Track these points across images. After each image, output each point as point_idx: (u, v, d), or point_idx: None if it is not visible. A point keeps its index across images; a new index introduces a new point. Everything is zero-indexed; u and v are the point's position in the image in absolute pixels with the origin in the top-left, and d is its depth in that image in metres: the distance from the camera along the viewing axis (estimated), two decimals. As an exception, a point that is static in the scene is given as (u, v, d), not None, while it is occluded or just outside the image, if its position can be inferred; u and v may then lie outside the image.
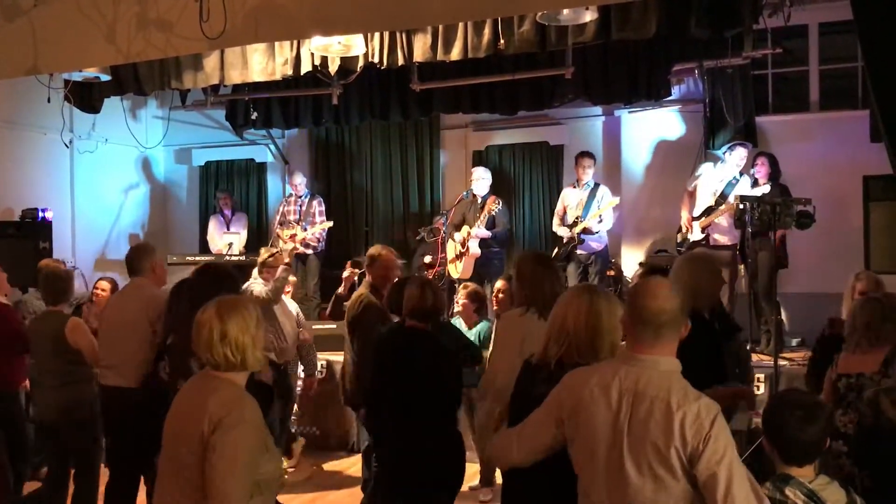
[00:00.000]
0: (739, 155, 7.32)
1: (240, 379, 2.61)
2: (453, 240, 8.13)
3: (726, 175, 7.33)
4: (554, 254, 8.10)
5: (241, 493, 2.41)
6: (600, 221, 7.81)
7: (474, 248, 7.90)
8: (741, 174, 7.31)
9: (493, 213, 7.84)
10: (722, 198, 7.24)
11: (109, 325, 4.51)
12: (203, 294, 3.82)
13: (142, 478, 4.59)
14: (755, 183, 7.17)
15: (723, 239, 7.31)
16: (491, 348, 4.29)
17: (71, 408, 4.59)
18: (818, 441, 2.54)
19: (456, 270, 8.04)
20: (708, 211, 7.32)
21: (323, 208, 9.08)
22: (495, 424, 3.22)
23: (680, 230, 7.59)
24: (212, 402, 2.47)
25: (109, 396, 4.47)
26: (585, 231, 7.77)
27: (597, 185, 7.99)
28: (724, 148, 7.59)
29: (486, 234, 7.88)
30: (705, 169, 7.53)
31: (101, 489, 4.75)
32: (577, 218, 7.84)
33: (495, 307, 5.68)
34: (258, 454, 2.49)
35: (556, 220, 8.18)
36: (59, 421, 4.65)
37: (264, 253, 6.19)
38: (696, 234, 7.39)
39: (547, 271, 3.95)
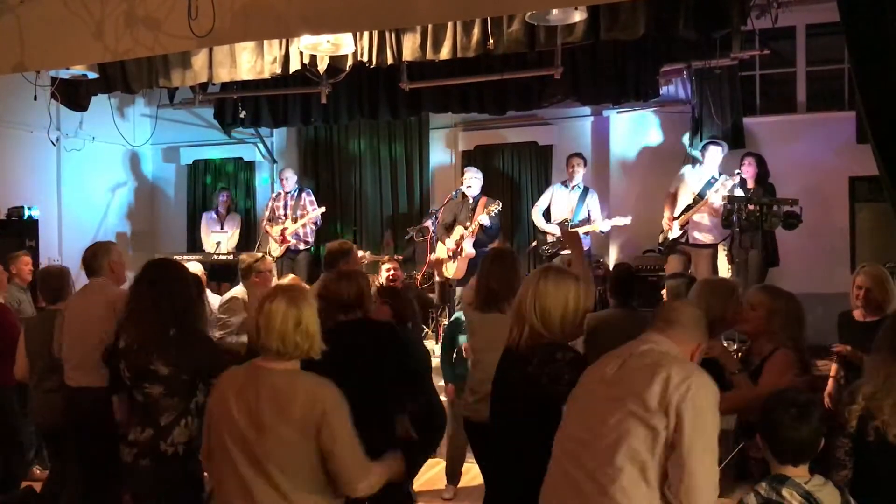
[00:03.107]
0: (713, 154, 7.44)
1: (295, 366, 2.69)
2: (443, 242, 8.11)
3: (704, 175, 7.44)
4: (531, 247, 8.14)
5: (365, 458, 2.64)
6: (593, 225, 7.83)
7: (469, 249, 7.90)
8: (720, 173, 7.40)
9: (493, 214, 7.85)
10: (700, 197, 7.35)
11: (73, 325, 4.37)
12: (154, 290, 3.61)
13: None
14: (743, 183, 7.23)
15: (702, 237, 7.41)
16: None
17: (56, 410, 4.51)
18: (812, 440, 2.55)
19: (448, 271, 8.04)
20: (686, 209, 7.42)
21: (313, 199, 9.03)
22: None
23: (662, 230, 7.68)
24: (300, 397, 2.56)
25: (77, 397, 4.31)
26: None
27: (587, 190, 8.02)
28: (699, 147, 7.70)
29: (486, 222, 7.87)
30: (686, 170, 7.64)
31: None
32: (565, 220, 7.86)
33: None
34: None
35: (537, 214, 8.18)
36: (63, 422, 4.51)
37: (248, 258, 5.85)
38: (675, 233, 7.49)
39: (497, 268, 4.02)
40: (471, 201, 8.10)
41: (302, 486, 2.56)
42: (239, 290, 5.73)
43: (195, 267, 6.02)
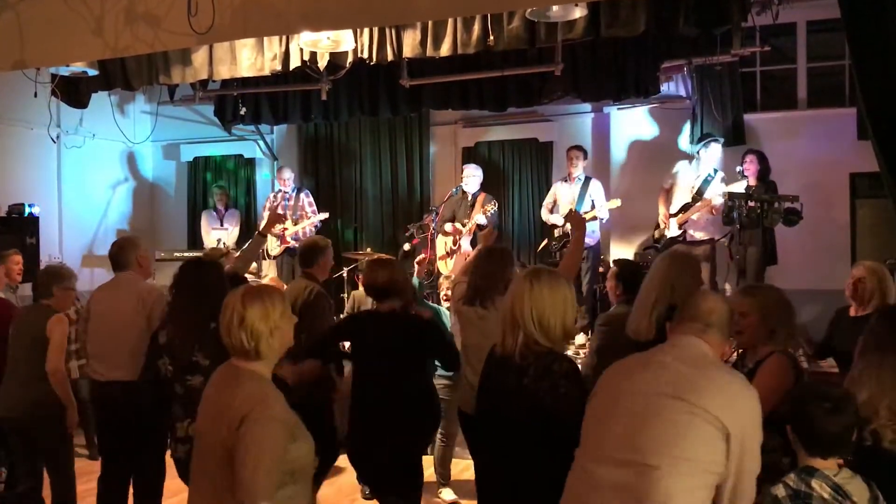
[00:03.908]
0: (712, 150, 7.44)
1: (263, 370, 2.61)
2: (444, 234, 8.12)
3: (702, 172, 7.43)
4: (542, 246, 8.12)
5: (267, 489, 2.41)
6: (592, 212, 7.74)
7: (466, 246, 7.90)
8: (716, 170, 7.39)
9: (489, 214, 7.83)
10: (699, 194, 7.33)
11: (101, 319, 4.45)
12: (193, 289, 3.87)
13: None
14: (745, 180, 7.22)
15: (699, 235, 7.40)
16: None
17: (42, 403, 4.52)
18: (845, 433, 2.55)
19: (446, 267, 8.04)
20: (685, 207, 7.41)
21: (312, 200, 9.07)
22: None
23: (657, 227, 7.66)
24: (237, 396, 2.49)
25: (103, 392, 4.42)
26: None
27: (588, 179, 7.98)
28: (699, 145, 7.68)
29: (483, 221, 7.86)
30: (681, 167, 7.64)
31: (84, 484, 4.74)
32: (571, 210, 7.76)
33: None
34: (284, 448, 2.49)
35: (544, 211, 8.17)
36: (27, 417, 4.57)
37: (213, 253, 5.89)
38: (672, 231, 7.47)
39: (490, 263, 4.05)
40: (469, 198, 8.10)
41: (225, 489, 2.47)
42: None
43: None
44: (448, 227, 8.06)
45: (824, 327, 5.01)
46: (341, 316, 6.37)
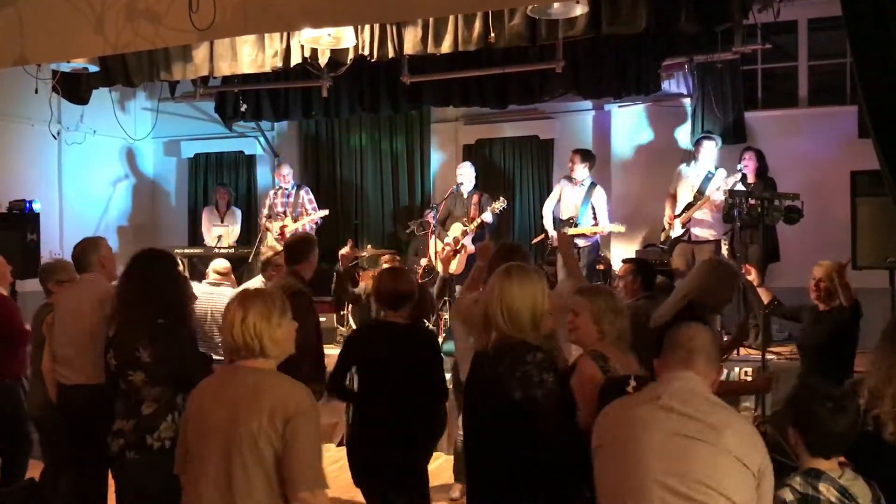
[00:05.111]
0: (707, 148, 7.38)
1: (273, 367, 2.69)
2: (439, 239, 8.10)
3: (701, 170, 7.39)
4: (538, 240, 8.11)
5: (324, 477, 2.57)
6: (595, 227, 7.64)
7: (471, 245, 7.88)
8: (717, 167, 7.37)
9: (497, 212, 7.82)
10: (700, 193, 7.30)
11: (63, 321, 4.34)
12: (142, 280, 3.65)
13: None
14: (744, 178, 7.21)
15: (703, 234, 7.37)
16: None
17: (48, 403, 4.47)
18: (849, 432, 2.55)
19: (449, 266, 8.02)
20: (688, 207, 7.37)
21: (312, 197, 9.05)
22: None
23: (664, 229, 7.64)
24: (273, 394, 2.56)
25: (70, 395, 4.28)
26: (579, 236, 7.58)
27: (593, 185, 7.73)
28: (693, 144, 7.67)
29: (490, 219, 7.85)
30: (682, 168, 7.60)
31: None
32: (571, 218, 7.65)
33: None
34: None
35: (546, 210, 7.99)
36: (41, 416, 4.60)
37: (268, 251, 6.06)
38: (676, 231, 7.41)
39: (505, 260, 4.05)
40: (465, 196, 8.09)
41: (261, 479, 2.54)
42: (256, 282, 5.77)
43: (221, 263, 6.23)
44: (448, 238, 8.02)
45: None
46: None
